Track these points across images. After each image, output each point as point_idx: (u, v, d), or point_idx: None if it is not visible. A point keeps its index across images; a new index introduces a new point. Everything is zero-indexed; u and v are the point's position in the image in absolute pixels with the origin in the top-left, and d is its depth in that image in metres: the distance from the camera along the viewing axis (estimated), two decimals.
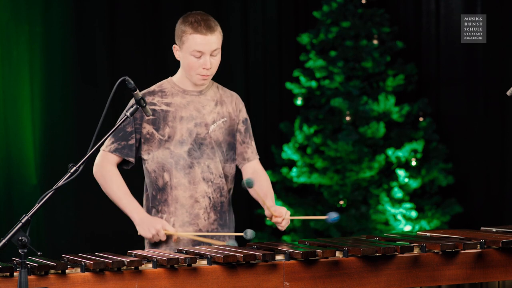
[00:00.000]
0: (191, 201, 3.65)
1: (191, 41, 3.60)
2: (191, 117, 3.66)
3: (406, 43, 7.41)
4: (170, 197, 3.66)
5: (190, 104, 3.68)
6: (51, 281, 2.89)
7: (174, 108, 3.66)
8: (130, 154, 3.65)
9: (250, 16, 7.63)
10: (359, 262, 3.25)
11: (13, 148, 6.68)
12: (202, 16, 3.67)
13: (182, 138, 3.64)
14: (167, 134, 3.64)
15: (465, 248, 3.38)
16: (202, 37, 3.59)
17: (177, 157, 3.64)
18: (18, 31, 6.69)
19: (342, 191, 7.05)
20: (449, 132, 7.45)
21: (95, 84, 7.00)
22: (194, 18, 3.64)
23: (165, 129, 3.64)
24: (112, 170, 3.65)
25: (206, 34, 3.60)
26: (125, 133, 3.64)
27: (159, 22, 7.25)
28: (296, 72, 7.31)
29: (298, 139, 7.18)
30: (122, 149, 3.64)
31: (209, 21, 3.64)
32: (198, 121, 3.67)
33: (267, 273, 3.13)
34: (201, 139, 3.66)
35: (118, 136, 3.63)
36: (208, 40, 3.60)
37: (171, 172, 3.64)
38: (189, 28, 3.61)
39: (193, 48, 3.59)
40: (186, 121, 3.65)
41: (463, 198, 7.31)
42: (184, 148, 3.64)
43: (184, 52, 3.63)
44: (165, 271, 3.04)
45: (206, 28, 3.61)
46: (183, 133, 3.65)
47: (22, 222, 2.72)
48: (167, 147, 3.64)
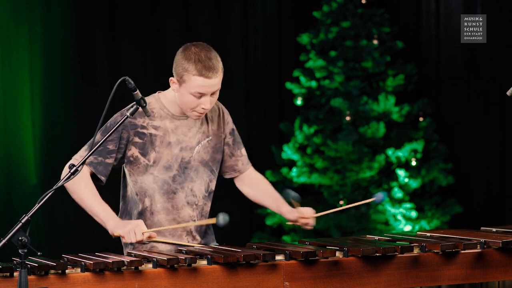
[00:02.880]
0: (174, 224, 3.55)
1: (193, 82, 3.39)
2: (178, 141, 3.53)
3: (406, 43, 7.41)
4: (149, 221, 3.53)
5: (178, 128, 3.54)
6: (51, 281, 2.89)
7: (162, 132, 3.52)
8: (103, 172, 3.48)
9: (250, 16, 7.63)
10: (359, 262, 3.25)
11: (13, 148, 6.68)
12: (206, 53, 3.41)
13: (167, 164, 3.52)
14: (152, 159, 3.51)
15: (465, 248, 3.38)
16: (205, 81, 3.38)
17: (161, 182, 3.52)
18: (18, 31, 6.69)
19: (342, 191, 7.05)
20: (449, 132, 7.45)
21: (95, 84, 7.00)
22: (198, 57, 3.38)
23: (151, 153, 3.50)
24: (85, 177, 3.46)
25: (210, 77, 3.38)
26: (105, 149, 3.47)
27: (159, 22, 7.25)
28: (296, 72, 7.31)
29: (298, 139, 7.18)
30: (97, 164, 3.47)
31: (212, 60, 3.39)
32: (184, 145, 3.54)
33: (267, 273, 3.13)
34: (186, 163, 3.54)
35: (97, 150, 3.22)
36: (211, 83, 3.40)
37: (153, 198, 3.52)
38: (192, 69, 3.38)
39: (194, 89, 3.40)
40: (172, 147, 3.52)
41: (463, 198, 7.31)
42: (169, 173, 3.52)
43: (184, 90, 3.43)
44: (165, 271, 3.04)
45: (210, 70, 3.38)
46: (169, 158, 3.52)
47: (22, 222, 2.72)
48: (151, 172, 3.51)
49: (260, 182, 3.76)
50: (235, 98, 7.41)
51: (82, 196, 3.49)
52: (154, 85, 3.80)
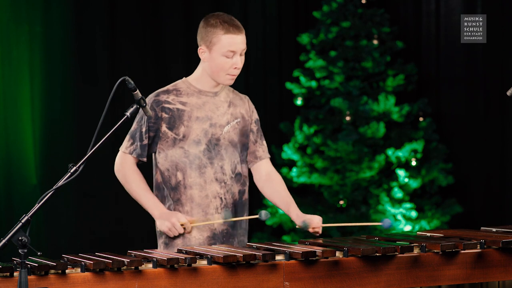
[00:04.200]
0: (206, 201, 3.67)
1: (224, 41, 3.63)
2: (207, 117, 3.68)
3: (406, 43, 7.41)
4: (184, 196, 3.66)
5: (205, 104, 3.70)
6: (51, 281, 2.89)
7: (189, 107, 3.67)
8: (143, 154, 3.68)
9: (250, 16, 7.63)
10: (359, 262, 3.25)
11: (13, 148, 6.68)
12: (227, 16, 3.71)
13: (197, 138, 3.66)
14: (182, 133, 3.65)
15: (465, 248, 3.38)
16: (235, 37, 3.63)
17: (192, 157, 3.65)
18: (18, 31, 6.69)
19: (342, 191, 7.05)
20: (449, 132, 7.45)
21: (95, 84, 7.00)
22: (222, 19, 3.67)
23: (180, 128, 3.65)
24: (132, 169, 3.69)
25: (238, 34, 3.64)
26: (140, 133, 3.67)
27: (159, 23, 7.26)
28: (296, 72, 7.31)
29: (298, 139, 7.18)
30: (135, 149, 3.68)
31: (235, 21, 3.69)
32: (213, 122, 3.69)
33: (267, 273, 3.13)
34: (216, 140, 3.68)
35: (135, 137, 3.67)
36: (241, 39, 3.65)
37: (185, 172, 3.65)
38: (220, 29, 3.64)
39: (226, 48, 3.63)
40: (201, 121, 3.67)
41: (463, 198, 7.31)
42: (200, 148, 3.66)
43: (215, 53, 3.64)
44: (165, 271, 3.04)
45: (237, 27, 3.66)
46: (198, 133, 3.66)
47: (22, 222, 2.72)
48: (181, 146, 3.65)
49: (276, 181, 3.85)
50: None
51: (130, 188, 3.70)
52: (154, 85, 3.81)
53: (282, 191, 3.84)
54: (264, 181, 3.85)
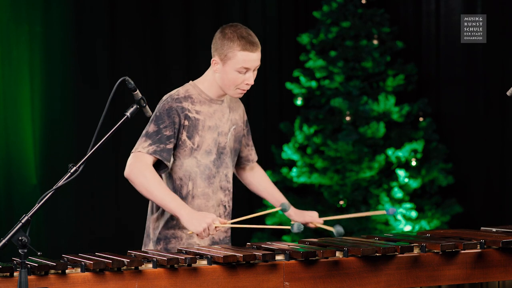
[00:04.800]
0: (212, 211, 3.66)
1: (239, 57, 3.58)
2: (216, 126, 3.66)
3: (406, 43, 7.41)
4: (190, 206, 3.62)
5: (215, 113, 3.67)
6: (51, 281, 2.89)
7: (203, 116, 3.64)
8: (167, 158, 3.56)
9: (250, 16, 7.63)
10: (359, 262, 3.25)
11: (13, 148, 6.68)
12: (245, 30, 3.64)
13: (209, 148, 3.64)
14: (196, 143, 3.62)
15: (465, 248, 3.38)
16: (251, 55, 3.59)
17: (203, 167, 3.63)
18: (18, 31, 6.69)
19: (342, 191, 7.05)
20: (449, 132, 7.45)
21: (95, 84, 7.00)
22: (240, 34, 3.60)
23: (196, 137, 3.62)
24: (153, 170, 3.54)
25: (254, 52, 3.60)
26: (163, 136, 3.56)
27: (159, 23, 7.26)
28: (296, 72, 7.31)
29: (298, 139, 7.18)
30: (161, 151, 3.55)
31: (253, 36, 3.63)
32: (220, 130, 3.68)
33: (267, 273, 3.13)
34: (222, 148, 3.68)
35: (156, 138, 3.54)
36: (256, 57, 3.61)
37: (195, 182, 3.62)
38: (236, 45, 3.57)
39: (240, 65, 3.58)
40: (212, 131, 3.65)
41: (463, 198, 7.31)
42: (210, 158, 3.64)
43: (229, 67, 3.59)
44: (165, 271, 3.04)
45: (253, 44, 3.60)
46: (209, 143, 3.64)
47: (22, 222, 2.72)
48: (194, 156, 3.62)
49: (263, 179, 3.95)
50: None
51: (151, 189, 3.51)
52: (154, 85, 3.81)
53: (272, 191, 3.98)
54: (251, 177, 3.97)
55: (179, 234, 3.62)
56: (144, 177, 3.51)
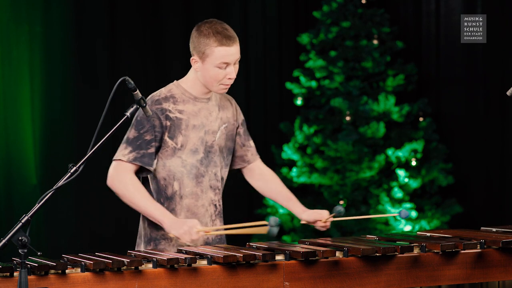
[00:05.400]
0: (202, 210, 3.63)
1: (217, 53, 3.53)
2: (202, 125, 3.63)
3: (406, 43, 7.41)
4: (179, 206, 3.61)
5: (200, 111, 3.64)
6: (51, 281, 2.89)
7: (186, 116, 3.61)
8: (149, 162, 3.56)
9: (250, 16, 7.63)
10: (359, 262, 3.25)
11: (13, 148, 6.68)
12: (220, 25, 3.58)
13: (194, 147, 3.61)
14: (180, 142, 3.59)
15: (465, 248, 3.38)
16: (228, 49, 3.54)
17: (189, 166, 3.60)
18: (18, 31, 6.69)
19: (342, 191, 7.05)
20: (449, 132, 7.45)
21: (95, 84, 7.00)
22: (215, 29, 3.55)
23: (179, 137, 3.59)
24: (133, 179, 3.55)
25: (231, 46, 3.54)
26: (143, 141, 3.55)
27: (159, 23, 7.26)
28: (296, 72, 7.31)
29: (298, 139, 7.18)
30: (141, 157, 3.55)
31: (229, 30, 3.57)
32: (207, 129, 3.64)
33: (267, 273, 3.13)
34: (209, 147, 3.64)
35: (136, 144, 3.54)
36: (234, 51, 3.56)
37: (181, 181, 3.60)
38: (213, 41, 3.53)
39: (219, 60, 3.54)
40: (197, 130, 3.61)
41: (463, 198, 7.31)
42: (197, 157, 3.61)
43: (208, 64, 3.56)
44: (165, 271, 3.04)
45: (230, 38, 3.55)
46: (195, 142, 3.61)
47: (22, 222, 2.72)
48: (179, 155, 3.59)
49: (272, 179, 3.86)
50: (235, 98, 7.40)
51: (133, 199, 3.56)
52: (154, 85, 3.81)
53: (281, 189, 3.86)
54: (258, 180, 3.85)
55: (169, 235, 3.62)
56: (125, 187, 3.55)
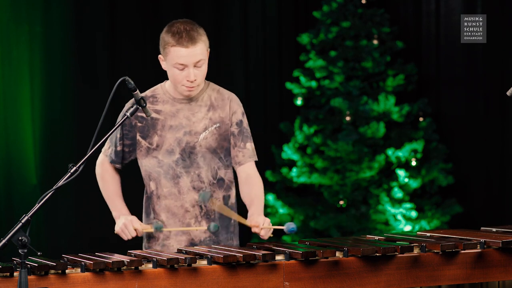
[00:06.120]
0: (182, 211, 3.60)
1: (173, 53, 3.51)
2: (180, 125, 3.58)
3: (406, 43, 7.41)
4: (158, 206, 3.61)
5: (179, 112, 3.59)
6: (51, 281, 2.89)
7: (163, 116, 3.59)
8: (116, 160, 3.66)
9: (250, 16, 7.63)
10: (359, 262, 3.25)
11: (13, 148, 6.68)
12: (185, 25, 3.52)
13: (170, 148, 3.58)
14: (155, 142, 3.58)
15: (465, 248, 3.38)
16: (183, 50, 3.48)
17: (166, 167, 3.58)
18: (18, 31, 6.69)
19: (342, 191, 7.05)
20: (449, 132, 7.45)
21: (95, 84, 7.00)
22: (177, 29, 3.51)
23: (154, 137, 3.58)
24: (109, 171, 3.69)
25: (187, 47, 3.48)
26: (116, 138, 3.64)
27: (159, 23, 7.23)
28: (296, 72, 7.31)
29: (298, 139, 7.18)
30: (111, 154, 3.67)
31: (192, 32, 3.50)
32: (188, 130, 3.58)
33: (267, 273, 3.13)
34: (191, 148, 3.58)
35: (112, 141, 3.65)
36: (190, 53, 3.48)
37: (158, 182, 3.60)
38: (171, 40, 3.51)
39: (175, 61, 3.50)
40: (175, 130, 3.58)
41: (463, 198, 7.31)
42: (173, 157, 3.58)
43: (168, 64, 3.56)
44: (165, 271, 3.04)
45: (188, 39, 3.48)
46: (171, 142, 3.58)
47: (22, 222, 2.72)
48: (154, 156, 3.59)
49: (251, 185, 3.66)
50: None
51: (103, 192, 3.71)
52: (154, 85, 3.81)
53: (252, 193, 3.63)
54: (240, 184, 3.69)
55: (156, 234, 3.63)
56: (99, 177, 3.70)
